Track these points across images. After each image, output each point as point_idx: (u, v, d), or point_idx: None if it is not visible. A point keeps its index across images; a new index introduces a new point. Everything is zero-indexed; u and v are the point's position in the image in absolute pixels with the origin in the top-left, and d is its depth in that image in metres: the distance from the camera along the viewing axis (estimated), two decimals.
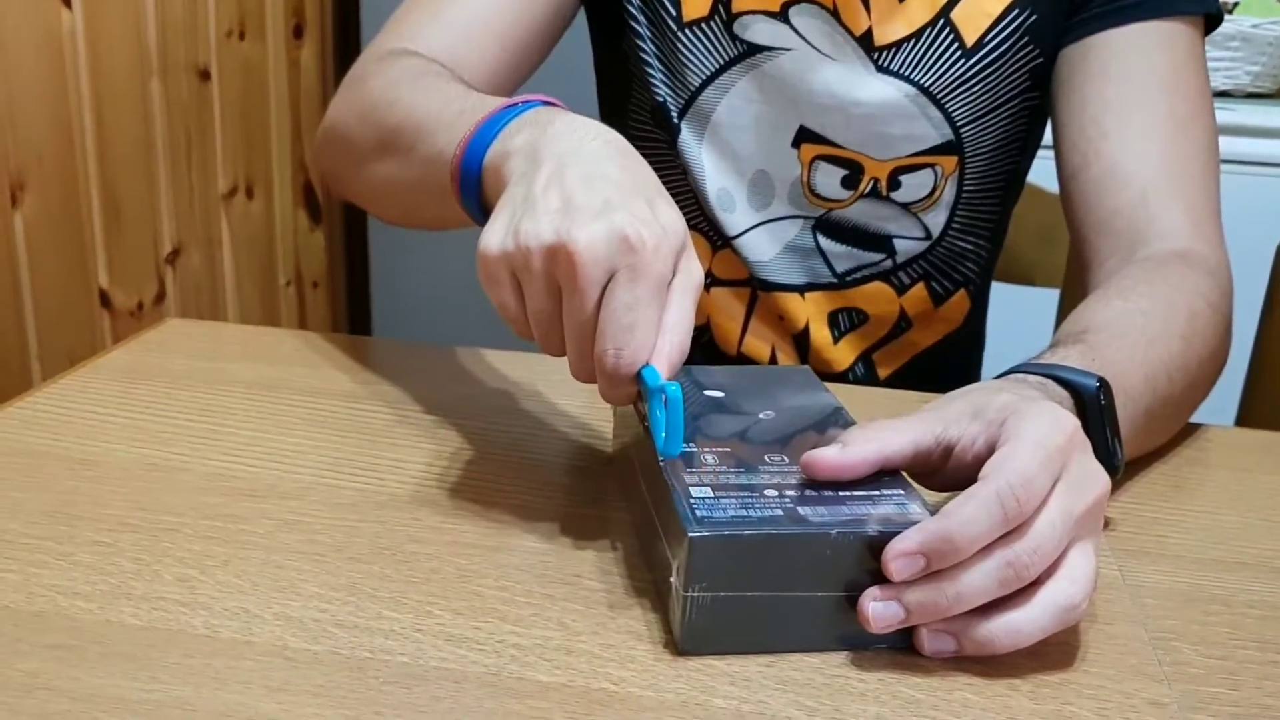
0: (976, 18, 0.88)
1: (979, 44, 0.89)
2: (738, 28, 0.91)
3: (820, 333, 0.99)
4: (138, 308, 1.72)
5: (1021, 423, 0.52)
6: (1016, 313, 1.33)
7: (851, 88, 0.90)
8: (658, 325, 0.54)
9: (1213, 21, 0.87)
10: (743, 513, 0.50)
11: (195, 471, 0.66)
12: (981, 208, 0.97)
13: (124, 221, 1.67)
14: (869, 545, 0.50)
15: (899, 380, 1.01)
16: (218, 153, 1.89)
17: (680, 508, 0.51)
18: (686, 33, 0.92)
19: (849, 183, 0.93)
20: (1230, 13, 2.01)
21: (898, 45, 0.89)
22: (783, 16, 0.89)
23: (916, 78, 0.89)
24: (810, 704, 0.48)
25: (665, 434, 0.53)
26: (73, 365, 0.81)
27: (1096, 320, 0.69)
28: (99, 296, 1.64)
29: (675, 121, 0.95)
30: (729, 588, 0.50)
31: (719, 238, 0.97)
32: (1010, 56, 0.89)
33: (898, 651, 0.51)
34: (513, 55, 0.89)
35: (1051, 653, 0.52)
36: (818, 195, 0.94)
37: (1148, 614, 0.56)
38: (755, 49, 0.91)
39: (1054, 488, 0.50)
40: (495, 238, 0.56)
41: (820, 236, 0.96)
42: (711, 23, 0.91)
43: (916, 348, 1.01)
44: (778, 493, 0.52)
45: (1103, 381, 0.60)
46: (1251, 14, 1.98)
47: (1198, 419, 0.78)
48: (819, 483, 0.53)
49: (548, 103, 0.65)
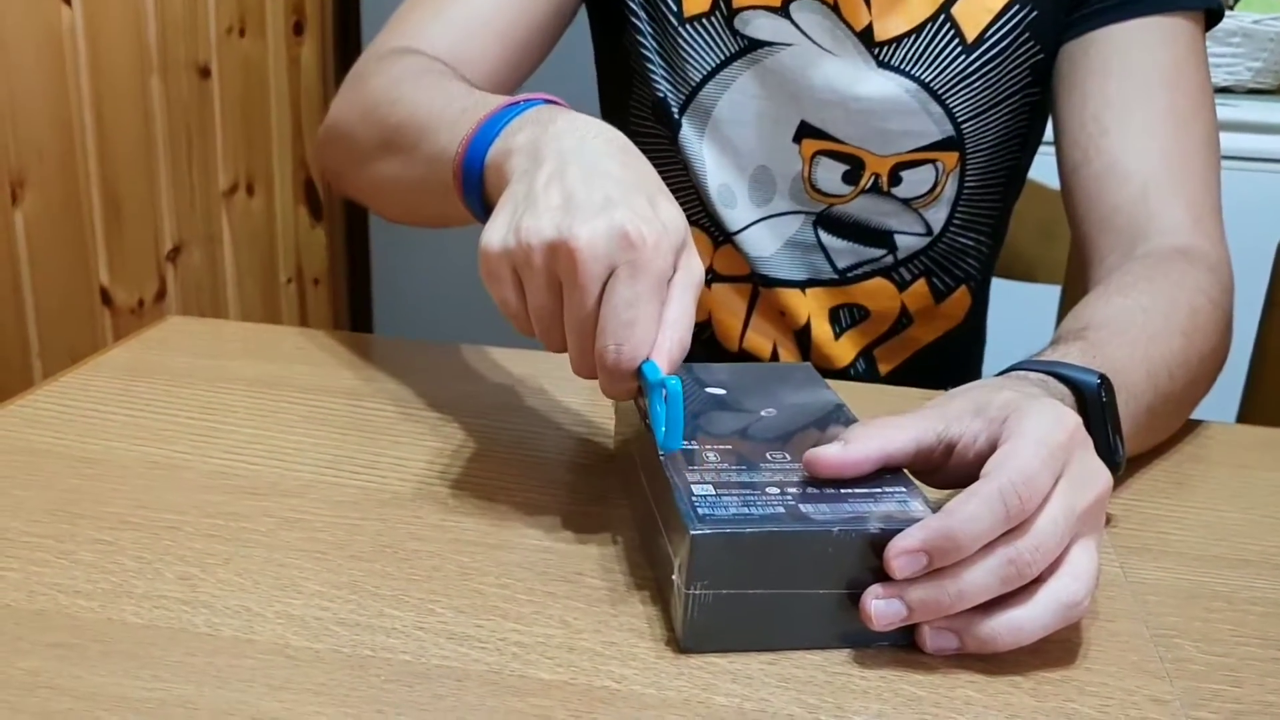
0: (977, 13, 0.88)
1: (980, 40, 0.89)
2: (738, 23, 0.90)
3: (821, 329, 0.99)
4: (139, 305, 1.72)
5: (1023, 420, 0.52)
6: (1018, 309, 1.33)
7: (852, 83, 0.90)
8: (658, 321, 0.54)
9: (1213, 17, 0.87)
10: (745, 510, 0.50)
11: (196, 469, 0.66)
12: (982, 204, 0.97)
13: (125, 219, 1.67)
14: (871, 543, 0.50)
15: (900, 376, 1.01)
16: (218, 150, 1.89)
17: (682, 505, 0.51)
18: (687, 28, 0.92)
19: (850, 178, 0.93)
20: (1231, 8, 2.00)
21: (898, 41, 0.89)
22: (783, 12, 0.89)
23: (917, 73, 0.89)
24: (812, 701, 0.48)
25: (665, 428, 0.54)
26: (74, 363, 0.81)
27: (1097, 317, 0.69)
28: (100, 294, 1.64)
29: (676, 117, 0.95)
30: (731, 585, 0.50)
31: (720, 234, 0.97)
32: (1011, 52, 0.89)
33: (900, 649, 0.51)
34: (514, 53, 0.89)
35: (1053, 650, 0.52)
36: (819, 191, 0.94)
37: (1149, 611, 0.56)
38: (756, 44, 0.91)
39: (1056, 485, 0.50)
40: (497, 235, 0.56)
41: (821, 232, 0.96)
42: (712, 18, 0.91)
43: (917, 344, 1.01)
44: (780, 490, 0.52)
45: (1104, 378, 0.60)
46: (1253, 10, 1.98)
47: (1199, 415, 0.78)
48: (821, 480, 0.53)
49: (549, 101, 0.65)
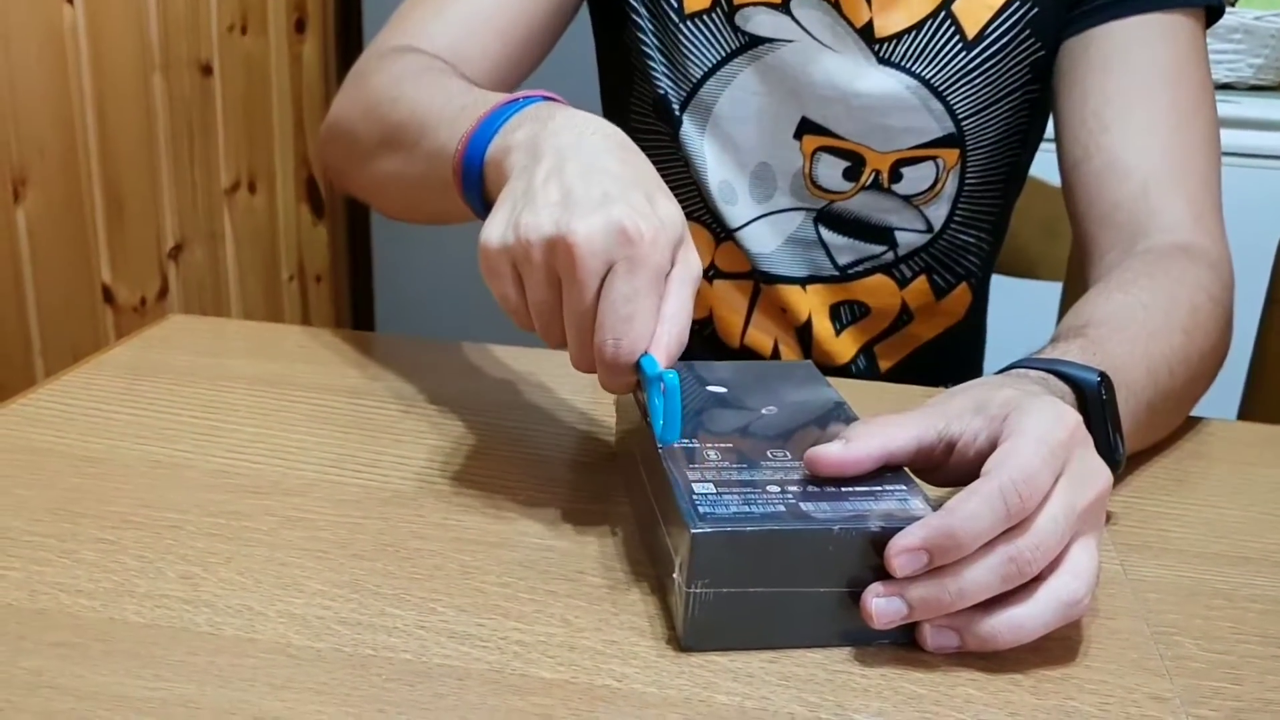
0: (977, 10, 0.88)
1: (980, 36, 0.89)
2: (739, 19, 0.91)
3: (822, 325, 0.99)
4: (141, 303, 1.72)
5: (1024, 418, 0.52)
6: (1020, 306, 1.33)
7: (852, 79, 0.90)
8: (656, 315, 0.55)
9: (1214, 14, 0.86)
10: (745, 509, 0.51)
11: (199, 468, 0.66)
12: (983, 201, 0.97)
13: (127, 217, 1.67)
14: (872, 541, 0.50)
15: (900, 373, 1.01)
16: (220, 148, 1.89)
17: (683, 504, 0.51)
18: (688, 25, 0.92)
19: (850, 174, 0.93)
20: (1233, 5, 2.00)
21: (898, 37, 0.89)
22: (784, 8, 0.89)
23: (918, 70, 0.89)
24: (813, 700, 0.48)
25: (664, 421, 0.55)
26: (76, 361, 0.81)
27: (1098, 314, 0.69)
28: (102, 292, 1.64)
29: (677, 114, 0.95)
30: (732, 584, 0.50)
31: (721, 230, 0.97)
32: (1012, 49, 0.89)
33: (900, 647, 0.51)
34: (515, 51, 0.89)
35: (1053, 648, 0.52)
36: (819, 187, 0.94)
37: (1150, 609, 0.56)
38: (757, 40, 0.91)
39: (1056, 483, 0.50)
40: (496, 231, 0.57)
41: (822, 228, 0.96)
42: (713, 15, 0.91)
43: (918, 340, 1.01)
44: (780, 488, 0.52)
45: (1104, 376, 0.60)
46: (1254, 7, 1.98)
47: (1200, 412, 0.78)
48: (821, 478, 0.53)
49: (548, 98, 0.66)
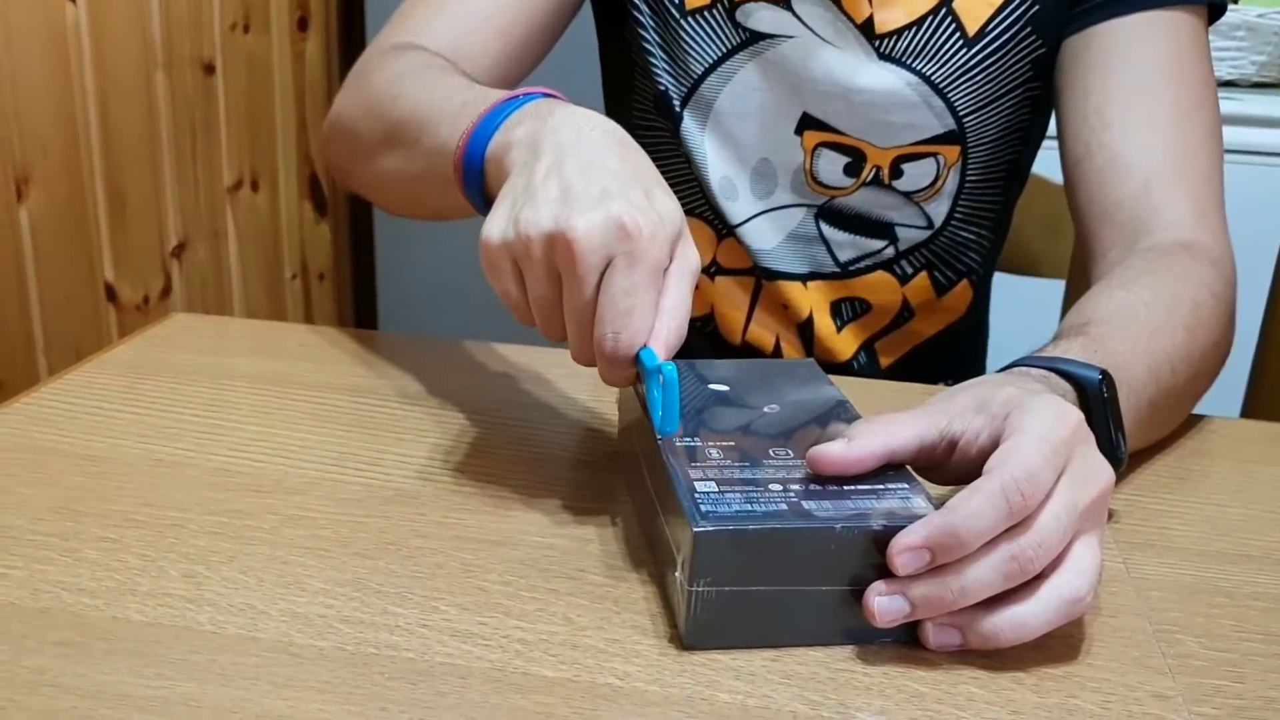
0: (978, 6, 0.88)
1: (981, 33, 0.88)
2: (740, 15, 0.91)
3: (823, 322, 0.99)
4: (144, 302, 1.72)
5: (1025, 416, 0.52)
6: (1022, 304, 1.33)
7: (853, 75, 0.90)
8: (655, 309, 0.55)
9: (1216, 11, 0.86)
10: (747, 507, 0.51)
11: (201, 467, 0.66)
12: (984, 198, 0.97)
13: (129, 215, 1.67)
14: (874, 540, 0.50)
15: (901, 370, 1.01)
16: (223, 146, 1.89)
17: (685, 502, 0.51)
18: (689, 21, 0.92)
19: (851, 170, 0.93)
20: (1235, 2, 2.00)
21: (898, 33, 0.89)
22: (785, 4, 0.89)
23: (918, 66, 0.89)
24: (815, 698, 0.48)
25: (662, 413, 0.55)
26: (79, 360, 0.81)
27: (1099, 312, 0.69)
28: (105, 290, 1.64)
29: (678, 110, 0.95)
30: (734, 582, 0.50)
31: (723, 227, 0.97)
32: (1012, 46, 0.89)
33: (902, 645, 0.51)
34: (516, 49, 0.90)
35: (1055, 646, 0.52)
36: (820, 183, 0.94)
37: (1152, 607, 0.56)
38: (758, 36, 0.91)
39: (1058, 481, 0.50)
40: (497, 227, 0.58)
41: (823, 225, 0.96)
42: (714, 11, 0.91)
43: (919, 337, 1.01)
44: (782, 487, 0.52)
45: (1105, 374, 0.60)
46: (1257, 4, 1.98)
47: (1202, 410, 0.77)
48: (824, 477, 0.53)
49: (548, 95, 0.66)
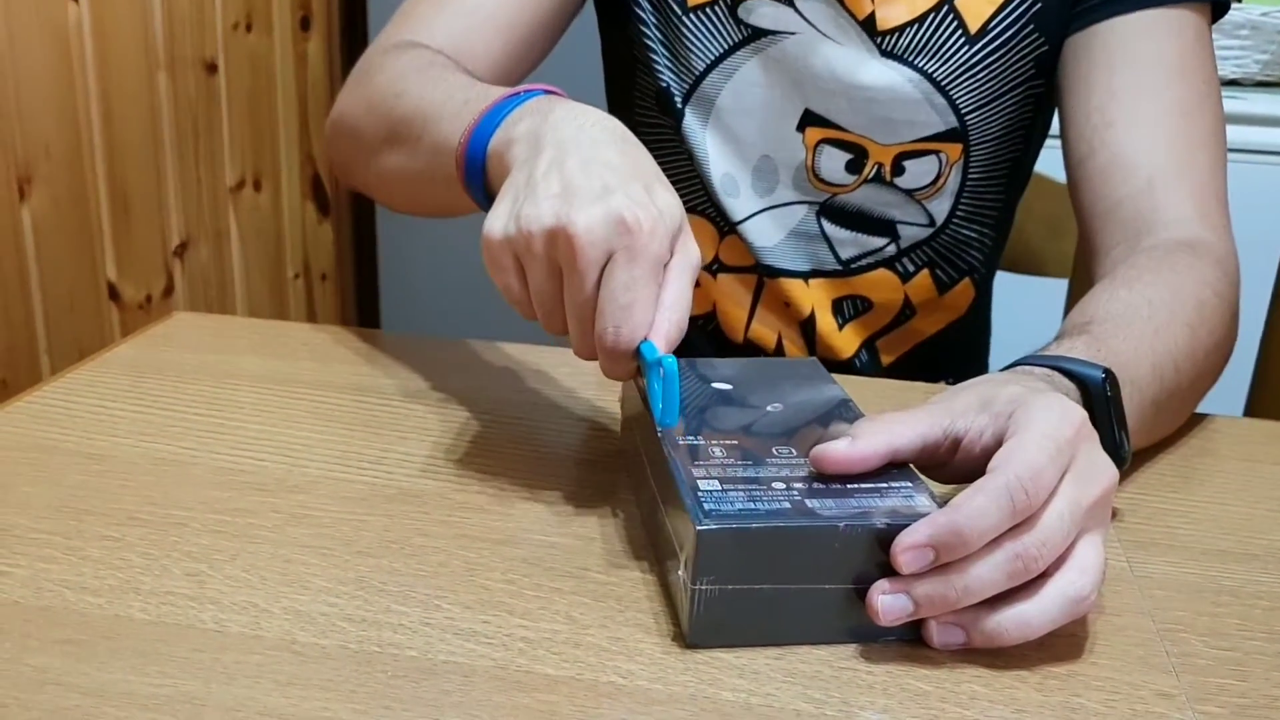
0: (980, 4, 0.88)
1: (983, 31, 0.88)
2: (742, 12, 0.91)
3: (825, 320, 0.99)
4: (146, 301, 1.72)
5: (1029, 415, 0.52)
6: (1025, 303, 1.33)
7: (855, 71, 0.89)
8: (655, 303, 0.56)
9: (1220, 9, 0.86)
10: (750, 506, 0.50)
11: (204, 466, 0.66)
12: (986, 196, 0.97)
13: (132, 215, 1.67)
14: (877, 538, 0.50)
15: (902, 368, 1.01)
16: (225, 146, 1.89)
17: (688, 501, 0.51)
18: (691, 17, 0.92)
19: (853, 167, 0.93)
20: (1239, 1, 2.00)
21: (900, 30, 0.89)
22: (787, 0, 0.89)
23: (920, 63, 0.89)
24: (819, 696, 0.48)
25: (662, 405, 0.56)
26: (81, 359, 0.81)
27: (1102, 311, 0.69)
28: (107, 290, 1.64)
29: (679, 107, 0.95)
30: (737, 581, 0.50)
31: (725, 224, 0.97)
32: (1014, 44, 0.89)
33: (906, 644, 0.51)
34: (518, 47, 0.90)
35: (1059, 644, 0.52)
36: (822, 180, 0.94)
37: (1155, 605, 0.56)
38: (760, 33, 0.91)
39: (1062, 480, 0.50)
40: (498, 223, 0.58)
41: (825, 222, 0.96)
42: (715, 8, 0.91)
43: (920, 336, 1.01)
44: (785, 485, 0.52)
45: (1108, 373, 0.60)
46: (1260, 2, 1.97)
47: (1206, 409, 0.77)
48: (827, 475, 0.53)
49: (549, 91, 0.67)
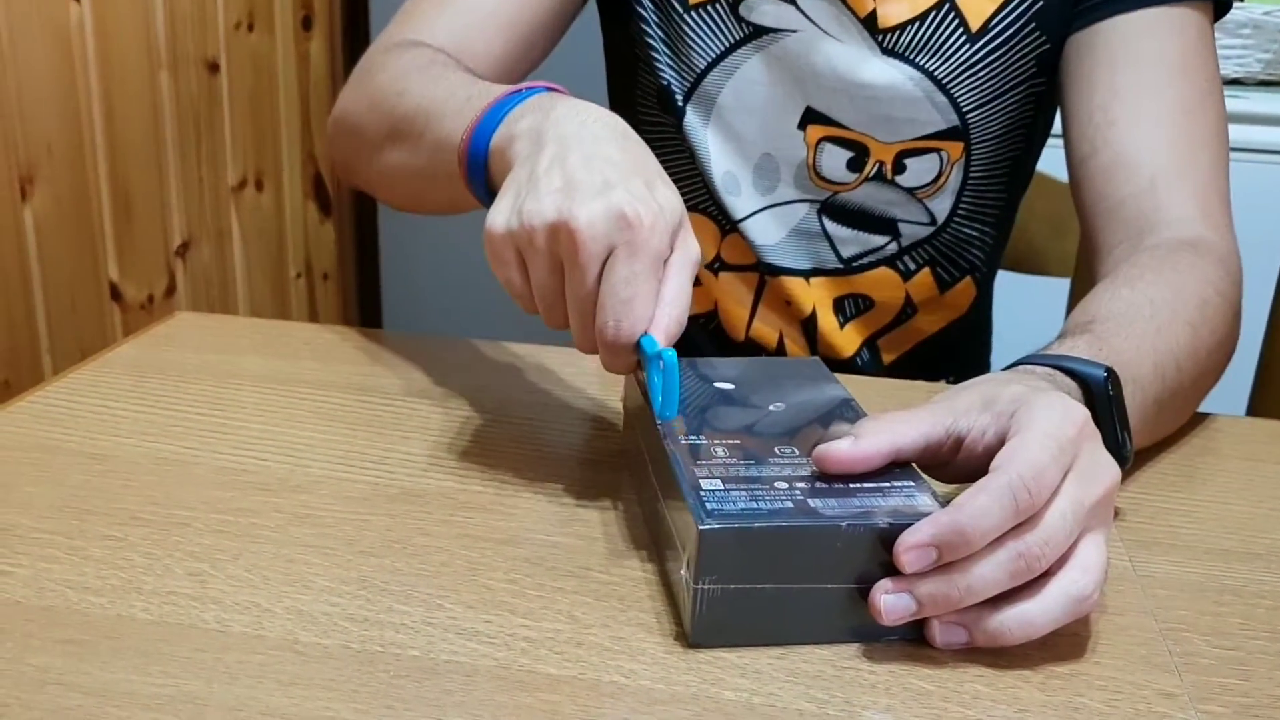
0: (981, 2, 0.88)
1: (984, 29, 0.88)
2: (743, 10, 0.91)
3: (826, 319, 0.99)
4: (148, 301, 1.72)
5: (1032, 414, 0.52)
6: (1027, 302, 1.33)
7: (856, 69, 0.89)
8: (655, 298, 0.57)
9: (1222, 8, 0.86)
10: (753, 505, 0.50)
11: (206, 465, 0.66)
12: (987, 195, 0.97)
13: (134, 214, 1.67)
14: (880, 537, 0.50)
15: (903, 367, 1.01)
16: (227, 145, 1.89)
17: (690, 500, 0.51)
18: (692, 15, 0.92)
19: (854, 165, 0.93)
20: (1241, 0, 1.99)
21: (901, 28, 0.89)
22: None
23: (921, 61, 0.89)
24: (821, 696, 0.48)
25: (662, 398, 0.56)
26: (83, 359, 0.81)
27: (1104, 310, 0.69)
28: (109, 290, 1.64)
29: (680, 105, 0.95)
30: (739, 580, 0.50)
31: (727, 222, 0.97)
32: (1016, 42, 0.89)
33: (909, 644, 0.51)
34: (518, 46, 0.90)
35: (1062, 644, 0.52)
36: (823, 178, 0.94)
37: (1158, 605, 0.56)
38: (761, 31, 0.91)
39: (1065, 479, 0.50)
40: (501, 217, 0.59)
41: (826, 220, 0.96)
42: (717, 5, 0.91)
43: (921, 334, 1.01)
44: (788, 485, 0.52)
45: (1110, 372, 0.60)
46: (1263, 1, 1.97)
47: (1208, 408, 0.77)
48: (829, 475, 0.53)
49: (551, 89, 0.67)
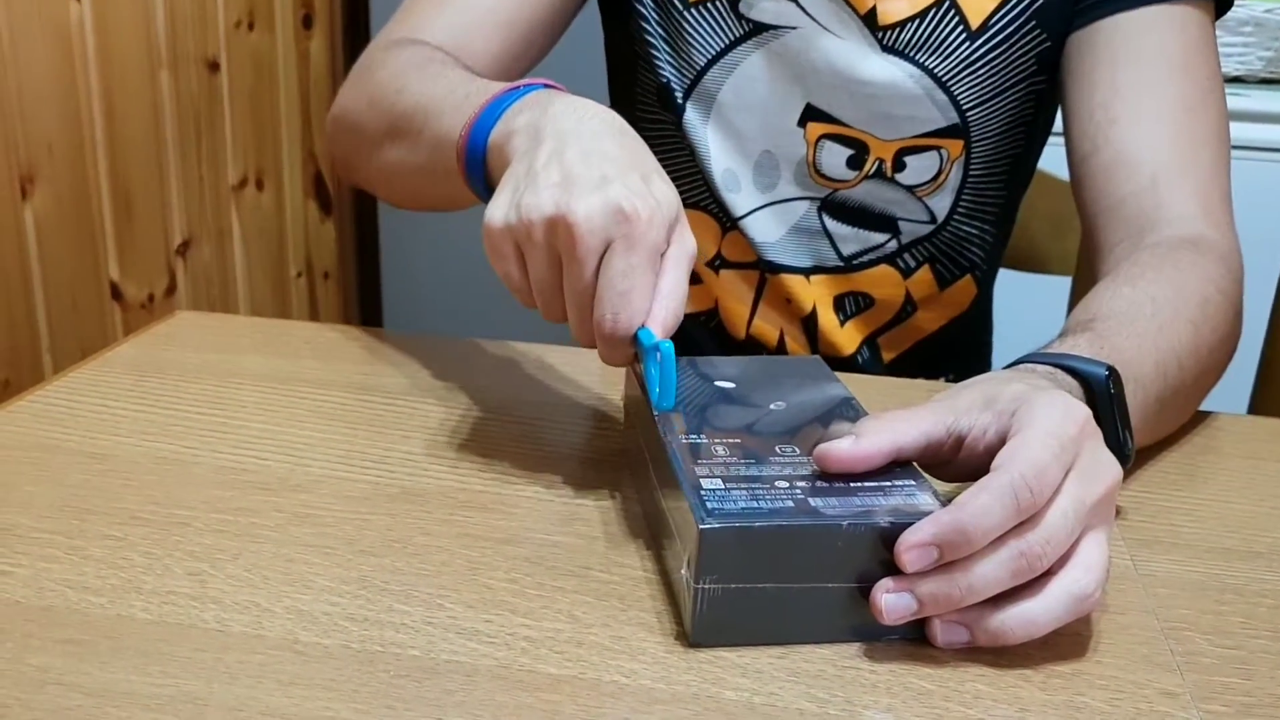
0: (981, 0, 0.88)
1: (984, 26, 0.88)
2: (743, 6, 0.90)
3: (827, 316, 0.99)
4: (149, 300, 1.72)
5: (1033, 413, 0.51)
6: (1028, 301, 1.33)
7: (856, 66, 0.89)
8: (652, 291, 0.57)
9: (1223, 5, 0.86)
10: (753, 504, 0.50)
11: (206, 465, 0.66)
12: (987, 193, 0.97)
13: (134, 214, 1.67)
14: (881, 537, 0.49)
15: (903, 365, 1.01)
16: (228, 144, 1.89)
17: (691, 499, 0.51)
18: (692, 13, 0.92)
19: (854, 163, 0.93)
20: None
21: (901, 25, 0.88)
22: None
23: (921, 59, 0.89)
24: (822, 695, 0.48)
25: (659, 390, 0.57)
26: (84, 358, 0.81)
27: (1105, 308, 0.69)
28: (110, 289, 1.64)
29: (680, 102, 0.95)
30: (740, 580, 0.50)
31: (727, 219, 0.97)
32: (1016, 40, 0.89)
33: (910, 643, 0.51)
34: (517, 44, 0.90)
35: (1063, 643, 0.52)
36: (823, 175, 0.94)
37: (1160, 603, 0.56)
38: (761, 28, 0.91)
39: (1066, 478, 0.50)
40: (499, 212, 0.59)
41: (826, 218, 0.96)
42: (717, 2, 0.91)
43: (921, 332, 1.01)
44: (789, 484, 0.52)
45: (1112, 370, 0.60)
46: None
47: (1210, 407, 0.77)
48: (830, 474, 0.53)
49: (549, 86, 0.67)
